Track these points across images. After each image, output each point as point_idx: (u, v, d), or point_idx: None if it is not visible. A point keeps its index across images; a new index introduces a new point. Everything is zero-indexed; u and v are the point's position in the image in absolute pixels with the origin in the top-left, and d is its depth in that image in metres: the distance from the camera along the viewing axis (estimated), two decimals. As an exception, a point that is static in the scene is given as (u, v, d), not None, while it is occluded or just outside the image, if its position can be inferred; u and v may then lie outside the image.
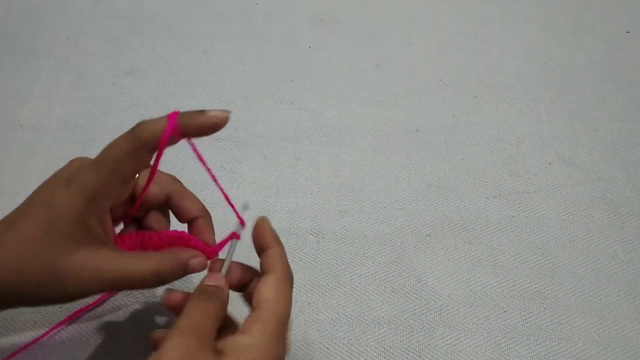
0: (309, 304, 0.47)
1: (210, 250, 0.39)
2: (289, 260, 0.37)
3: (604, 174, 0.57)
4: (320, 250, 0.50)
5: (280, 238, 0.37)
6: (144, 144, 0.33)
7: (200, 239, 0.39)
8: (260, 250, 0.37)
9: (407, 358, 0.45)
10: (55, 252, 0.33)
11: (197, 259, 0.37)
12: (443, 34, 0.70)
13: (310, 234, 0.51)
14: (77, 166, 0.35)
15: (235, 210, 0.38)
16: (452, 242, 0.51)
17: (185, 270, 0.37)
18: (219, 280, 0.36)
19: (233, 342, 0.32)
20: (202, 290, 0.35)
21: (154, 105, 0.61)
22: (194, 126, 0.33)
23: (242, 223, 0.38)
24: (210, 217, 0.40)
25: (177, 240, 0.38)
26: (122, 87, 0.63)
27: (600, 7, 0.74)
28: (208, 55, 0.66)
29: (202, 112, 0.33)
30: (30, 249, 0.32)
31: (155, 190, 0.38)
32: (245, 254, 0.38)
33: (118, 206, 0.37)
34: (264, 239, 0.37)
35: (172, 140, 0.34)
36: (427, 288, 0.49)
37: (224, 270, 0.37)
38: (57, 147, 0.57)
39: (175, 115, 0.33)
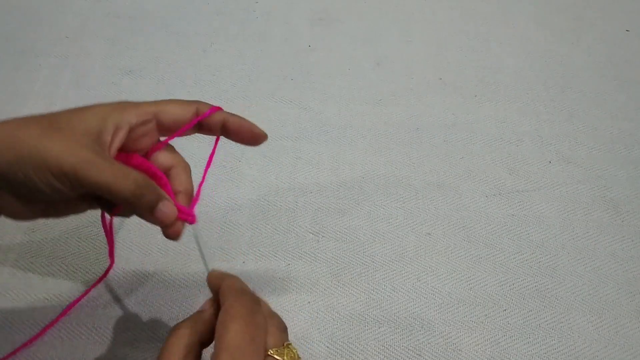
0: (308, 302, 0.47)
1: (180, 207, 0.36)
2: (289, 259, 0.37)
3: (603, 173, 0.57)
4: (319, 249, 0.50)
5: (280, 237, 0.37)
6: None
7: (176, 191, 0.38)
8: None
9: (407, 356, 0.45)
10: (52, 128, 0.36)
11: (168, 205, 0.35)
12: (443, 32, 0.70)
13: (310, 232, 0.51)
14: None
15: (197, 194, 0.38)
16: (451, 240, 0.51)
17: (149, 206, 0.35)
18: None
19: None
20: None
21: (154, 104, 0.61)
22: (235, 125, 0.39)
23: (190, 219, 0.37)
24: (189, 168, 0.40)
25: (153, 174, 0.37)
26: (121, 86, 0.62)
27: (600, 6, 0.74)
28: (208, 54, 0.66)
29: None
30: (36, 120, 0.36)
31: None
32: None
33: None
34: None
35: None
36: (427, 286, 0.49)
37: (205, 267, 0.36)
38: (57, 146, 0.57)
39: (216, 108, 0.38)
